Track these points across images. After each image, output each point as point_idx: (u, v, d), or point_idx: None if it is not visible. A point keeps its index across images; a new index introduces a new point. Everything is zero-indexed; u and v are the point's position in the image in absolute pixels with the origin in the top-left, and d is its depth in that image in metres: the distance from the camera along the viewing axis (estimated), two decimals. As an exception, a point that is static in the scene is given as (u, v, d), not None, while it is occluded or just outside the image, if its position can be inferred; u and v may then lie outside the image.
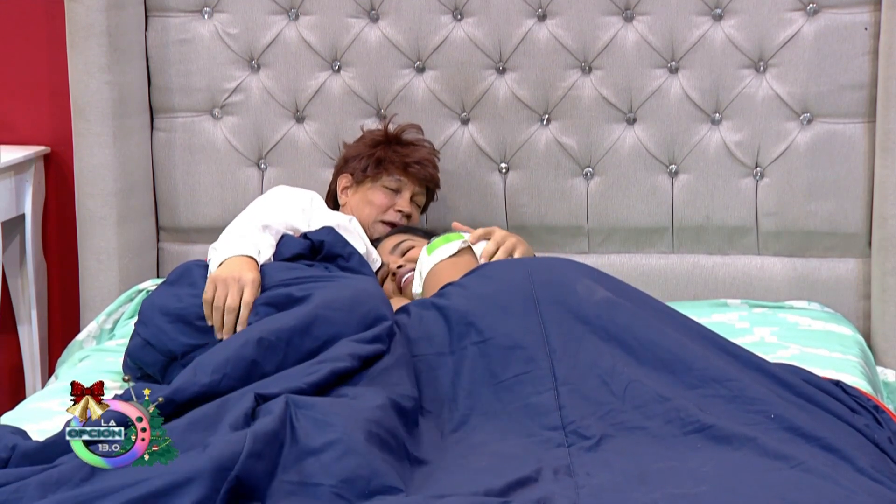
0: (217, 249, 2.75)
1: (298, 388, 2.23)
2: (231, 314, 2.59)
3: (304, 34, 3.31)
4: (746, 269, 3.29)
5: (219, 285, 2.62)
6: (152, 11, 3.34)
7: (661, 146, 3.28)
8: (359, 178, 3.11)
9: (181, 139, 3.38)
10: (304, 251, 2.81)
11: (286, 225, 2.86)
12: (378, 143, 3.13)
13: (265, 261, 2.74)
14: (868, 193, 3.21)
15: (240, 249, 2.71)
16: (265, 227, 2.81)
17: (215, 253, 2.74)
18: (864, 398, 2.39)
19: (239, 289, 2.61)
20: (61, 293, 3.58)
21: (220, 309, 2.60)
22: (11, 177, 3.39)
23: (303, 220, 2.90)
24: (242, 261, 2.68)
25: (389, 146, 3.12)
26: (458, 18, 3.28)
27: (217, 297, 2.61)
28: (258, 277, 2.65)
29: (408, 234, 3.04)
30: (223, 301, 2.60)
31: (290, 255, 2.78)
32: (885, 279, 3.16)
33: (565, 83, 3.27)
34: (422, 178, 3.11)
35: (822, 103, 3.21)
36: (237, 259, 2.68)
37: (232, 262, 2.68)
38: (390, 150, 3.11)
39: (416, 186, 3.12)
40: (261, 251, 2.74)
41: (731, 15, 3.21)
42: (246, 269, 2.65)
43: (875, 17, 3.15)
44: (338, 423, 2.10)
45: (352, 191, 3.13)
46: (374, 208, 3.08)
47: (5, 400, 3.56)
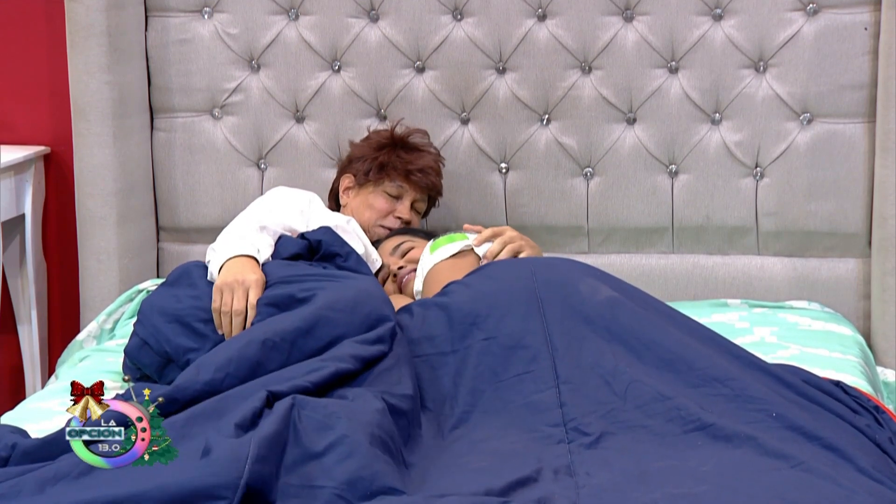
0: (216, 251, 2.74)
1: (304, 388, 2.24)
2: (239, 317, 2.60)
3: (304, 34, 3.31)
4: (746, 269, 3.29)
5: (224, 291, 2.62)
6: (152, 11, 3.34)
7: (661, 146, 3.28)
8: (361, 181, 3.11)
9: (181, 139, 3.38)
10: (301, 251, 2.81)
11: (284, 226, 2.86)
12: (383, 146, 3.13)
13: (265, 261, 2.74)
14: (868, 193, 3.21)
15: (239, 250, 2.71)
16: (262, 227, 2.81)
17: (214, 254, 2.74)
18: (864, 399, 2.39)
19: (244, 291, 2.61)
20: (61, 293, 3.58)
21: (229, 314, 2.61)
22: (11, 177, 3.39)
23: (301, 222, 2.90)
24: (243, 262, 2.68)
25: (394, 150, 3.11)
26: (458, 18, 3.28)
27: (224, 304, 2.61)
28: (262, 277, 2.65)
29: (408, 236, 3.04)
30: (231, 306, 2.60)
31: (288, 255, 2.78)
32: (885, 279, 3.16)
33: (565, 83, 3.27)
34: (423, 186, 3.11)
35: (822, 103, 3.21)
36: (238, 260, 2.69)
37: (233, 264, 2.67)
38: (394, 154, 3.10)
39: (418, 193, 3.12)
40: (260, 250, 2.74)
41: (731, 15, 3.21)
42: (248, 270, 2.65)
43: (875, 17, 3.15)
44: (339, 425, 2.10)
45: (354, 192, 3.13)
46: (374, 212, 3.08)
47: (5, 400, 3.55)
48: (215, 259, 2.72)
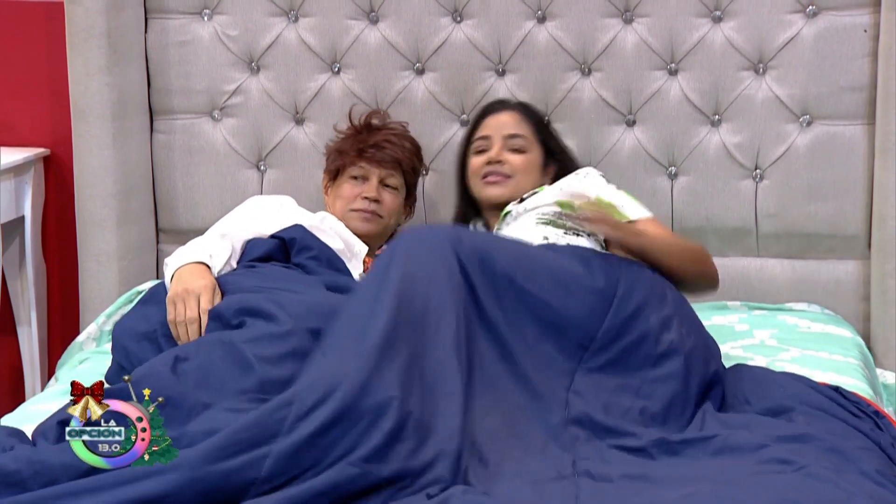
0: (168, 264, 2.77)
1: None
2: (193, 325, 2.62)
3: (303, 36, 3.31)
4: (746, 271, 3.29)
5: (177, 303, 2.64)
6: (152, 13, 3.34)
7: (660, 148, 3.28)
8: (332, 175, 3.12)
9: (181, 141, 3.38)
10: (273, 250, 2.84)
11: (253, 232, 2.89)
12: (347, 137, 3.13)
13: (222, 264, 2.76)
14: (868, 195, 3.21)
15: (189, 258, 2.74)
16: (223, 235, 2.85)
17: (167, 268, 2.77)
18: (864, 404, 2.39)
19: (195, 299, 2.63)
20: (61, 295, 3.58)
21: (183, 323, 2.63)
22: (11, 179, 3.39)
23: (273, 226, 2.91)
24: (192, 269, 2.71)
25: (354, 136, 3.11)
26: (457, 20, 3.28)
27: (178, 314, 2.64)
28: (211, 282, 2.67)
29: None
30: (184, 315, 2.63)
31: (260, 254, 2.81)
32: (884, 281, 3.16)
33: (565, 85, 3.27)
34: (381, 160, 3.07)
35: (821, 105, 3.21)
36: (187, 268, 2.71)
37: (182, 272, 2.71)
38: (353, 139, 3.10)
39: (382, 170, 3.08)
40: (213, 255, 2.76)
41: (730, 17, 3.22)
42: (197, 276, 2.68)
43: (874, 19, 3.15)
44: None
45: (330, 188, 3.13)
46: (343, 200, 3.07)
47: (5, 402, 3.55)
48: (167, 271, 2.75)
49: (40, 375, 3.54)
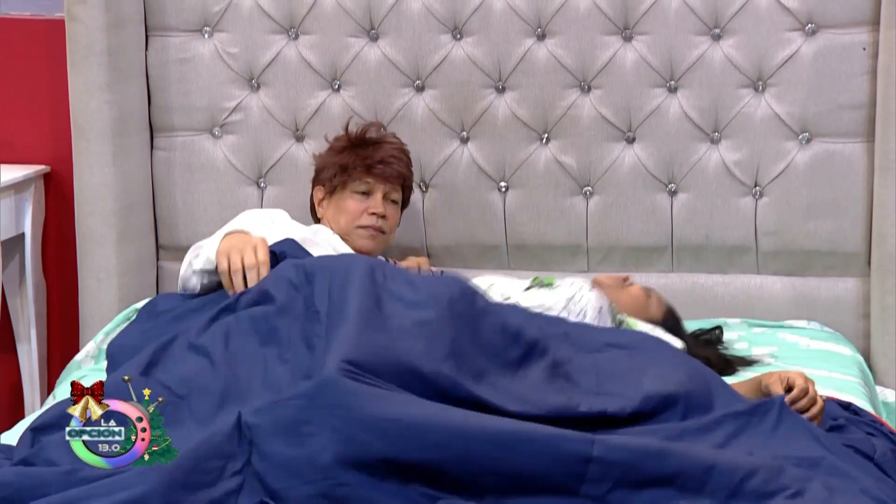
0: (202, 246, 2.78)
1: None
2: (252, 271, 2.61)
3: (303, 53, 3.32)
4: (746, 289, 3.29)
5: (231, 253, 2.64)
6: (152, 31, 3.35)
7: (660, 165, 3.28)
8: (330, 189, 3.10)
9: (181, 158, 3.38)
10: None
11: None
12: (343, 149, 3.12)
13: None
14: (867, 213, 3.22)
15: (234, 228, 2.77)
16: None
17: (202, 248, 2.77)
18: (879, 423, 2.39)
19: (252, 249, 2.64)
20: (61, 312, 3.58)
21: (240, 271, 2.62)
22: (11, 196, 3.39)
23: (267, 237, 2.91)
24: (240, 234, 2.73)
25: (353, 150, 3.10)
26: (457, 38, 3.29)
27: (233, 262, 2.63)
28: (262, 238, 2.69)
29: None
30: (240, 263, 2.63)
31: None
32: (884, 298, 3.16)
33: (564, 102, 3.27)
34: (389, 176, 3.07)
35: (820, 123, 3.21)
36: (235, 234, 2.73)
37: (231, 237, 2.72)
38: (354, 154, 3.09)
39: (386, 185, 3.08)
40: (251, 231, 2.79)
41: (729, 35, 3.22)
42: (245, 236, 2.70)
43: (874, 38, 3.16)
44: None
45: (327, 202, 3.11)
46: (348, 216, 3.06)
47: (4, 419, 3.55)
48: (209, 243, 2.75)
49: (39, 392, 3.54)
